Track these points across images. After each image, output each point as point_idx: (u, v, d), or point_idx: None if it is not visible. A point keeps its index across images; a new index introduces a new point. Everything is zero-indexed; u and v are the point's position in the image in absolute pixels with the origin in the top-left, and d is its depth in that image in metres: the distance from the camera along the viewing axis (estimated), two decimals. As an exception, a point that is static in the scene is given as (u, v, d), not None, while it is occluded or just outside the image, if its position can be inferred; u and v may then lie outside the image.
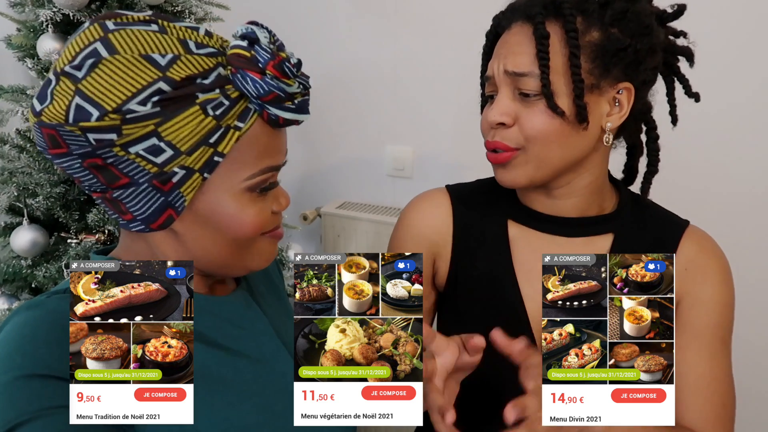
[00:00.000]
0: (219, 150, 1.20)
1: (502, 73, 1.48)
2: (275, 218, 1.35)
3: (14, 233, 2.37)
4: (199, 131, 1.17)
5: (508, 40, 1.51)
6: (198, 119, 1.16)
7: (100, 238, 2.36)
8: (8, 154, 2.40)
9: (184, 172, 1.19)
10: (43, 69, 2.35)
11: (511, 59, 1.47)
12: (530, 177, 1.52)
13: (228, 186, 1.24)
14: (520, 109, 1.47)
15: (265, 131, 1.25)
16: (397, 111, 3.43)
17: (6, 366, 1.11)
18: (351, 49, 3.48)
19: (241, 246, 1.30)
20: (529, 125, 1.46)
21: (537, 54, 1.43)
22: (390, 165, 3.53)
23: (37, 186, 2.33)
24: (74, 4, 2.24)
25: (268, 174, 1.27)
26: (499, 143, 1.50)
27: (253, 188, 1.26)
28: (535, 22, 1.44)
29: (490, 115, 1.49)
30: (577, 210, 1.60)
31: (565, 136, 1.47)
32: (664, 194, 1.78)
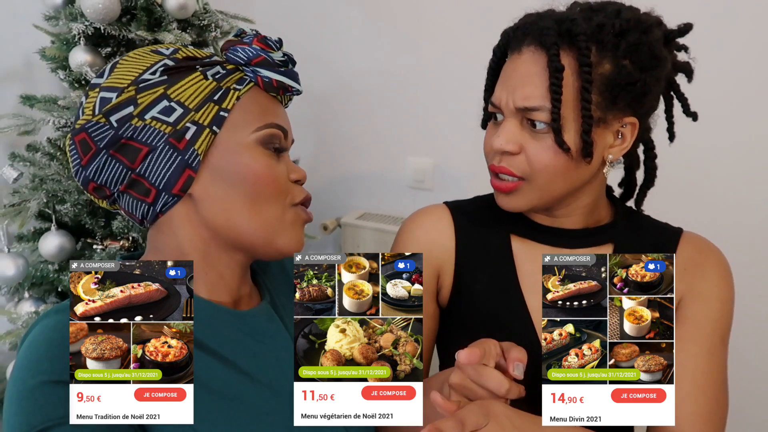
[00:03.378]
0: (224, 106, 1.27)
1: (511, 106, 1.43)
2: (297, 188, 1.37)
3: (42, 238, 2.37)
4: (203, 90, 1.27)
5: (518, 69, 1.44)
6: (200, 82, 1.28)
7: (125, 245, 2.36)
8: (39, 161, 2.41)
9: (195, 128, 1.25)
10: (74, 80, 2.36)
11: (521, 92, 1.41)
12: (532, 204, 1.49)
13: (239, 139, 1.28)
14: (526, 139, 1.43)
15: (265, 97, 1.34)
16: (418, 123, 3.39)
17: (34, 370, 1.10)
18: (372, 61, 3.45)
19: (261, 205, 1.29)
20: (536, 159, 1.42)
21: (550, 87, 1.37)
22: (410, 177, 3.49)
23: (65, 193, 2.33)
24: (105, 18, 2.25)
25: (275, 129, 1.32)
26: (505, 169, 1.46)
27: (262, 141, 1.30)
28: (550, 53, 1.38)
29: (497, 143, 1.45)
30: (576, 222, 1.57)
31: (570, 170, 1.44)
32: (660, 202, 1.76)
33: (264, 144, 1.29)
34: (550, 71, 1.38)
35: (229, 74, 1.30)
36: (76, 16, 2.30)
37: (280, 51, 1.34)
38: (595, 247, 1.56)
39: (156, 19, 2.40)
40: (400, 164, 3.49)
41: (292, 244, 1.34)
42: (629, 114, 1.44)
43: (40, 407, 1.06)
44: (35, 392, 1.07)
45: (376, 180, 3.59)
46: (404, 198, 3.49)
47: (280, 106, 1.37)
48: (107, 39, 2.38)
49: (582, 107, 1.38)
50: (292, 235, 1.34)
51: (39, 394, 1.07)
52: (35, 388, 1.08)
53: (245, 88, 1.30)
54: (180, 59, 1.29)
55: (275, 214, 1.30)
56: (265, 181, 1.27)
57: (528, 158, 1.43)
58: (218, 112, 1.26)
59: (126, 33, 2.31)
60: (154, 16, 2.39)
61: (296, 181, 1.36)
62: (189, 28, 2.48)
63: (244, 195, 1.27)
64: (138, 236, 2.37)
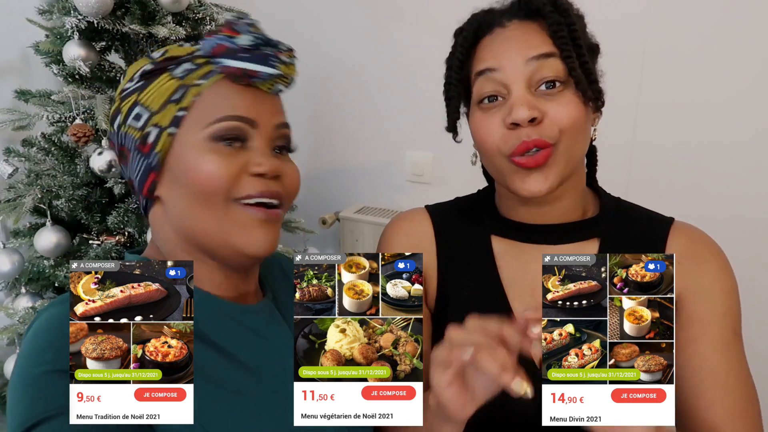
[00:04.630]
0: (182, 105, 1.25)
1: (520, 62, 1.36)
2: (249, 183, 1.25)
3: (38, 234, 2.37)
4: (166, 92, 1.26)
5: (511, 34, 1.41)
6: (167, 83, 1.26)
7: (120, 240, 2.35)
8: (34, 157, 2.41)
9: (157, 131, 1.25)
10: (68, 74, 2.35)
11: (530, 46, 1.37)
12: (561, 176, 1.39)
13: (191, 138, 1.24)
14: (541, 104, 1.35)
15: (231, 88, 1.27)
16: (417, 117, 3.39)
17: (37, 360, 1.11)
18: (371, 54, 3.45)
19: (212, 208, 1.24)
20: (562, 116, 1.35)
21: (556, 39, 1.36)
22: (409, 170, 3.50)
23: (60, 188, 2.33)
24: (98, 12, 2.24)
25: (230, 122, 1.24)
26: (540, 140, 1.35)
27: (214, 137, 1.24)
28: (545, 11, 1.37)
29: (520, 114, 1.32)
30: (562, 215, 1.51)
31: (587, 126, 1.43)
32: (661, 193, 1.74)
33: (216, 139, 1.24)
34: (551, 27, 1.37)
35: (197, 69, 1.27)
36: (69, 10, 2.30)
37: (248, 35, 1.27)
38: (580, 242, 1.52)
39: (150, 12, 2.39)
40: (399, 158, 3.50)
41: (250, 246, 1.27)
42: None
43: (44, 396, 1.06)
44: (39, 381, 1.08)
45: (376, 174, 3.59)
46: (403, 192, 3.49)
47: (254, 95, 1.28)
48: (101, 33, 2.40)
49: (582, 61, 1.37)
50: (249, 236, 1.26)
51: (42, 383, 1.07)
52: (39, 377, 1.08)
53: (208, 82, 1.26)
54: (159, 62, 1.29)
55: (220, 213, 1.24)
56: (203, 179, 1.22)
57: (553, 120, 1.35)
58: (176, 112, 1.25)
59: (120, 27, 2.30)
60: (148, 9, 2.38)
61: (260, 174, 1.26)
62: (184, 21, 2.47)
63: (189, 195, 1.24)
64: (134, 231, 2.36)
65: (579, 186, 1.52)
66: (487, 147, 1.43)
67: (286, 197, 1.31)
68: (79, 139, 2.22)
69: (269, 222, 1.28)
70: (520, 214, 1.55)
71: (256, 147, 1.27)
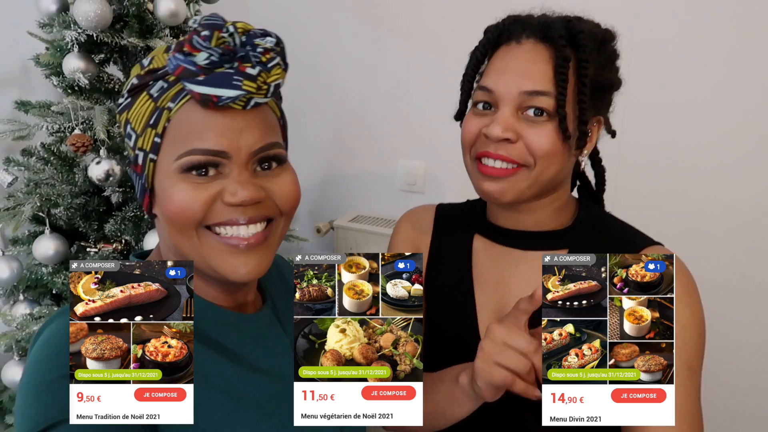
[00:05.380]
0: (158, 131, 1.18)
1: (515, 92, 1.42)
2: (228, 211, 1.18)
3: (36, 241, 2.35)
4: (145, 113, 1.19)
5: (521, 57, 1.45)
6: (145, 104, 1.20)
7: (117, 248, 2.34)
8: (34, 166, 2.40)
9: (142, 155, 1.21)
10: (67, 86, 2.35)
11: (527, 79, 1.42)
12: (519, 193, 1.47)
13: (166, 167, 1.18)
14: (522, 127, 1.42)
15: (197, 112, 1.16)
16: (410, 126, 3.39)
17: (53, 364, 1.09)
18: (364, 64, 3.44)
19: (187, 237, 1.20)
20: (536, 145, 1.41)
21: (556, 76, 1.40)
22: (402, 180, 3.49)
23: (59, 197, 2.32)
24: (98, 26, 2.24)
25: (199, 156, 1.15)
26: (505, 156, 1.43)
27: (183, 168, 1.16)
28: (558, 44, 1.41)
29: (494, 131, 1.42)
30: (535, 224, 1.57)
31: (564, 159, 1.46)
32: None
33: (185, 171, 1.16)
34: (557, 61, 1.40)
35: (169, 89, 1.18)
36: (70, 23, 2.29)
37: (204, 51, 1.14)
38: (548, 250, 1.53)
39: (148, 26, 2.38)
40: (392, 167, 3.49)
41: (231, 274, 1.21)
42: (599, 114, 1.50)
43: (58, 400, 1.04)
44: (53, 386, 1.06)
45: (369, 183, 3.59)
46: (397, 201, 3.49)
47: (224, 119, 1.17)
48: (100, 46, 2.38)
49: (579, 100, 1.41)
50: (228, 264, 1.21)
51: (57, 387, 1.05)
52: (53, 382, 1.06)
53: (177, 106, 1.17)
54: (143, 75, 1.21)
55: (195, 242, 1.20)
56: (174, 209, 1.17)
57: (528, 145, 1.42)
58: (154, 138, 1.19)
59: (119, 40, 2.30)
60: (146, 23, 2.38)
61: (236, 204, 1.18)
62: (181, 34, 2.46)
63: (168, 224, 1.21)
64: (131, 239, 2.36)
65: (557, 201, 1.57)
66: (464, 144, 1.55)
67: (277, 212, 1.25)
68: (78, 149, 2.22)
69: (250, 249, 1.22)
70: (499, 218, 1.63)
71: (232, 175, 1.18)
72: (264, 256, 1.24)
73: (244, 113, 1.18)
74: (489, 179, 1.47)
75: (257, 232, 1.21)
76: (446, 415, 1.40)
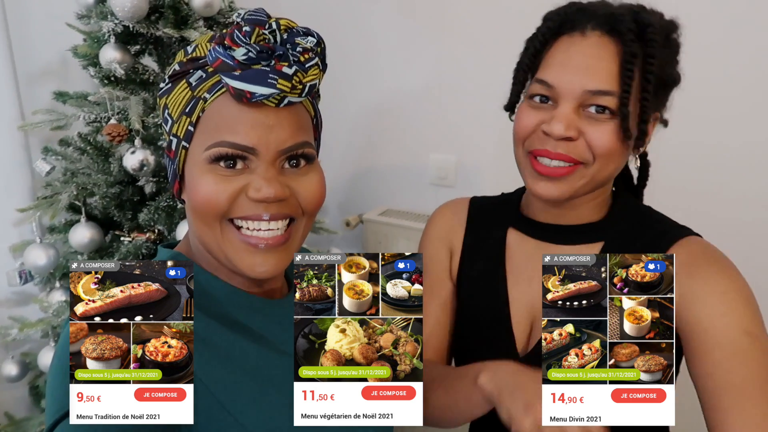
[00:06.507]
0: (192, 120, 1.20)
1: (578, 90, 1.37)
2: (252, 206, 1.20)
3: (72, 230, 2.40)
4: (182, 101, 1.21)
5: (585, 51, 1.39)
6: (183, 92, 1.21)
7: (150, 237, 2.36)
8: (71, 155, 2.44)
9: (176, 140, 1.23)
10: (104, 77, 2.39)
11: (592, 77, 1.36)
12: (575, 191, 1.43)
13: (197, 156, 1.20)
14: (584, 124, 1.38)
15: (231, 106, 1.18)
16: (442, 120, 3.36)
17: None
18: (396, 57, 3.43)
19: (210, 227, 1.21)
20: (599, 143, 1.38)
21: (622, 74, 1.35)
22: (433, 174, 3.47)
23: (95, 186, 2.35)
24: (134, 17, 2.29)
25: (227, 149, 1.17)
26: (564, 156, 1.40)
27: (212, 159, 1.18)
28: (626, 39, 1.35)
29: (557, 129, 1.37)
30: (576, 219, 1.54)
31: (623, 157, 1.43)
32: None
33: (214, 161, 1.18)
34: (624, 57, 1.35)
35: (207, 79, 1.20)
36: (107, 14, 2.33)
37: (243, 47, 1.15)
38: (585, 244, 1.53)
39: (183, 17, 2.41)
40: (422, 161, 3.47)
41: (249, 271, 1.22)
42: (657, 110, 1.46)
43: None
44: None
45: (399, 177, 3.57)
46: (427, 195, 3.47)
47: (257, 115, 1.18)
48: (136, 37, 2.43)
49: (642, 97, 1.37)
50: (246, 261, 1.22)
51: None
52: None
53: (213, 97, 1.19)
54: (185, 62, 1.23)
55: (218, 234, 1.22)
56: (200, 199, 1.19)
57: (589, 143, 1.38)
58: (188, 126, 1.21)
59: (154, 31, 2.33)
60: (181, 14, 2.41)
61: (260, 200, 1.19)
62: (215, 25, 2.48)
63: (192, 211, 1.23)
64: (163, 228, 2.38)
65: (601, 196, 1.53)
66: (518, 137, 1.49)
67: (300, 212, 1.26)
68: (114, 139, 2.25)
69: (269, 249, 1.23)
70: (536, 212, 1.59)
71: (258, 171, 1.19)
72: (283, 257, 1.24)
73: (277, 110, 1.19)
74: (544, 179, 1.43)
75: (278, 231, 1.22)
76: (464, 414, 1.38)
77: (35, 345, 2.66)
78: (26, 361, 2.61)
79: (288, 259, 1.26)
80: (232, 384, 1.16)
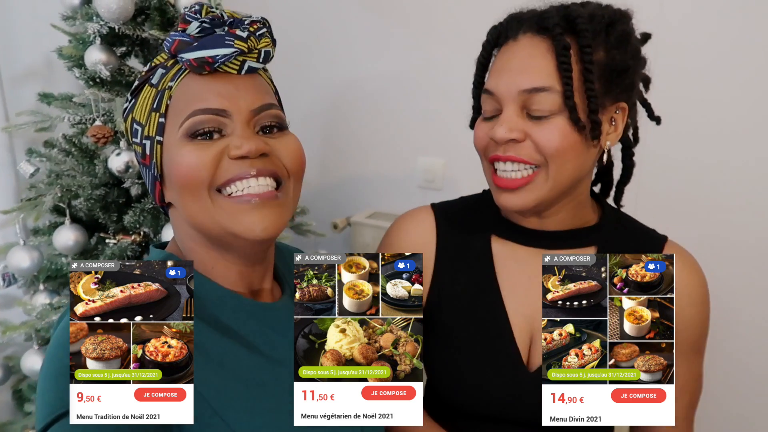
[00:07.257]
0: (161, 112, 1.21)
1: (514, 91, 1.36)
2: (236, 164, 1.19)
3: (57, 232, 2.37)
4: (148, 102, 1.23)
5: (517, 54, 1.40)
6: (147, 93, 1.24)
7: (136, 239, 2.34)
8: (55, 157, 2.41)
9: (149, 142, 1.23)
10: (89, 78, 2.35)
11: (525, 76, 1.36)
12: (540, 199, 1.40)
13: (172, 140, 1.20)
14: (528, 126, 1.36)
15: (196, 81, 1.21)
16: (429, 123, 3.34)
17: None
18: (383, 61, 3.41)
19: (199, 200, 1.19)
20: (545, 142, 1.35)
21: (559, 66, 1.33)
22: (421, 177, 3.44)
23: (79, 188, 2.32)
24: (119, 18, 2.25)
25: (198, 116, 1.18)
26: (515, 157, 1.38)
27: (188, 134, 1.18)
28: (554, 33, 1.34)
29: (499, 132, 1.37)
30: (558, 224, 1.51)
31: (580, 153, 1.38)
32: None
33: (191, 136, 1.18)
34: (557, 50, 1.34)
35: (168, 71, 1.23)
36: (92, 16, 2.30)
37: (195, 22, 1.20)
38: (577, 248, 1.51)
39: (169, 18, 2.38)
40: (410, 164, 3.45)
41: (247, 232, 1.19)
42: (621, 100, 1.42)
43: None
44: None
45: (387, 180, 3.55)
46: (414, 197, 3.44)
47: (223, 83, 1.21)
48: (122, 38, 2.38)
49: (587, 88, 1.34)
50: (242, 222, 1.19)
51: None
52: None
53: (176, 83, 1.21)
54: (143, 75, 1.27)
55: (208, 205, 1.19)
56: (183, 172, 1.18)
57: (536, 143, 1.36)
58: (158, 120, 1.21)
59: (140, 32, 2.31)
60: (167, 15, 2.38)
61: (242, 156, 1.18)
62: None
63: (180, 192, 1.21)
64: (149, 231, 2.36)
65: (577, 200, 1.50)
66: (477, 150, 1.50)
67: (285, 173, 1.25)
68: (99, 140, 2.23)
69: (263, 205, 1.20)
70: (520, 219, 1.54)
71: (236, 132, 1.19)
72: (278, 213, 1.22)
73: (240, 78, 1.23)
74: (506, 192, 1.43)
75: (268, 187, 1.21)
76: None
77: (19, 348, 2.63)
78: (9, 364, 2.58)
79: (285, 217, 1.24)
80: (225, 390, 1.15)
